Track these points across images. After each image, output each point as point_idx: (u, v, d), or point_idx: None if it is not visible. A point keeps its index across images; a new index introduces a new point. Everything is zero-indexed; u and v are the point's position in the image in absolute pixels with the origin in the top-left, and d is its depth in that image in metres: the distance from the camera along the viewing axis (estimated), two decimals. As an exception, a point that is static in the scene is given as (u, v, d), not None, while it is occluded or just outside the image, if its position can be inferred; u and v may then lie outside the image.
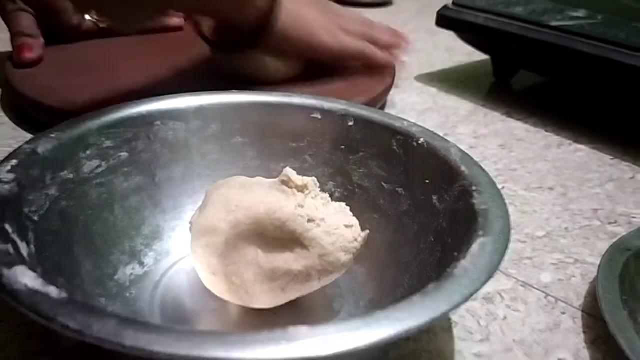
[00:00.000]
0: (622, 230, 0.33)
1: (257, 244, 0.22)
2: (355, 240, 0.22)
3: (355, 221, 0.23)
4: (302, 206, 0.22)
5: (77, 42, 0.49)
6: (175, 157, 0.28)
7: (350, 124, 0.29)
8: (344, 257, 0.22)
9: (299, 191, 0.22)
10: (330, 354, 0.16)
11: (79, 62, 0.45)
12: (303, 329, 0.16)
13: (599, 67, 0.42)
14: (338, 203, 0.23)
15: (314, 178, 0.23)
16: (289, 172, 0.22)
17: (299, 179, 0.22)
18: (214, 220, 0.22)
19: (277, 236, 0.22)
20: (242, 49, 0.41)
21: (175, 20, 0.54)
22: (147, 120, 0.28)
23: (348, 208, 0.23)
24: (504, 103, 0.51)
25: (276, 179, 0.23)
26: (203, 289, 0.24)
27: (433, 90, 0.53)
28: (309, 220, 0.22)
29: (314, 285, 0.23)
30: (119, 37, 0.51)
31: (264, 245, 0.22)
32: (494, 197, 0.23)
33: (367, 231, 0.23)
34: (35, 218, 0.22)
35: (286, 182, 0.22)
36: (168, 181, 0.28)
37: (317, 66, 0.47)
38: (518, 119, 0.48)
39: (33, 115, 0.40)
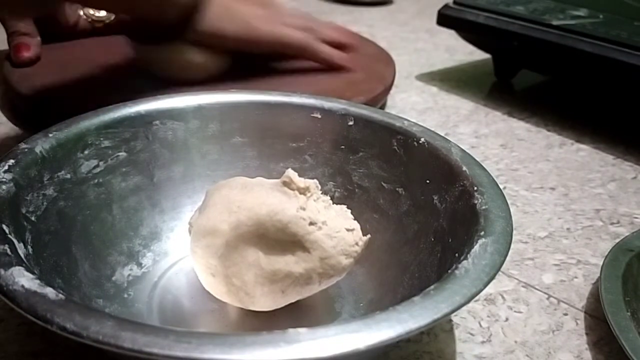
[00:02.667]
0: (624, 231, 0.33)
1: (258, 245, 0.22)
2: (356, 244, 0.22)
3: (356, 225, 0.23)
4: (304, 209, 0.22)
5: (74, 40, 0.49)
6: (174, 157, 0.28)
7: (350, 123, 0.29)
8: (345, 261, 0.22)
9: (300, 193, 0.22)
10: (329, 356, 0.15)
11: (78, 61, 0.45)
12: (302, 331, 0.16)
13: (600, 66, 0.41)
14: (339, 206, 0.23)
15: (315, 180, 0.23)
16: (291, 173, 0.22)
17: (300, 181, 0.22)
18: (215, 221, 0.22)
19: (279, 238, 0.22)
20: (162, 43, 0.38)
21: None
22: (146, 119, 0.28)
23: (349, 211, 0.23)
24: (505, 102, 0.50)
25: (277, 180, 0.23)
26: (202, 290, 0.23)
27: (434, 89, 0.53)
28: (311, 223, 0.22)
29: (314, 288, 0.23)
30: (117, 36, 0.50)
31: (265, 247, 0.22)
32: (495, 197, 0.23)
33: (369, 235, 0.23)
34: (33, 218, 0.22)
35: (288, 184, 0.22)
36: (167, 181, 0.28)
37: (315, 63, 0.47)
38: (519, 119, 0.47)
39: (31, 115, 0.40)
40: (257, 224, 0.22)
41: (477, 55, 0.60)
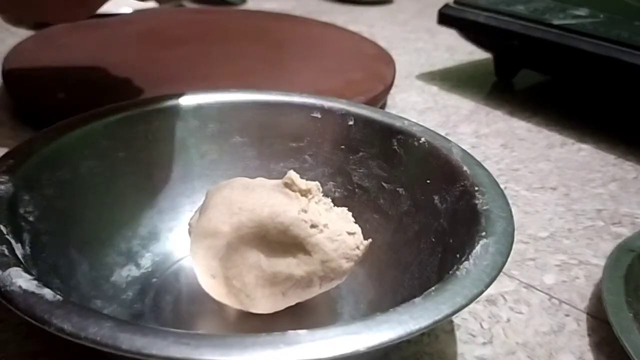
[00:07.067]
0: (625, 231, 0.33)
1: (259, 247, 0.22)
2: (357, 247, 0.22)
3: (357, 228, 0.23)
4: (305, 211, 0.22)
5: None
6: (173, 157, 0.28)
7: (350, 123, 0.29)
8: (346, 264, 0.22)
9: (302, 195, 0.22)
10: (329, 357, 0.15)
11: (78, 61, 0.45)
12: (302, 332, 0.16)
13: (601, 66, 0.41)
14: (340, 208, 0.23)
15: (317, 182, 0.23)
16: (293, 175, 0.22)
17: (302, 183, 0.22)
18: (217, 222, 0.22)
19: (280, 240, 0.22)
20: None
21: None
22: (146, 119, 0.28)
23: (350, 214, 0.23)
24: (505, 102, 0.50)
25: (279, 181, 0.23)
26: (201, 291, 0.23)
27: (434, 89, 0.53)
28: (312, 226, 0.21)
29: (315, 291, 0.22)
30: (118, 35, 0.50)
31: (266, 249, 0.22)
32: (496, 197, 0.23)
33: (370, 239, 0.23)
34: (31, 219, 0.22)
35: (289, 185, 0.22)
36: (166, 181, 0.28)
37: (315, 63, 0.47)
38: (520, 118, 0.47)
39: (31, 115, 0.40)
40: (258, 225, 0.21)
41: (477, 55, 0.60)
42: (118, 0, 0.56)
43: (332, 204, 0.23)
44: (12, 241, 0.19)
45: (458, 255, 0.21)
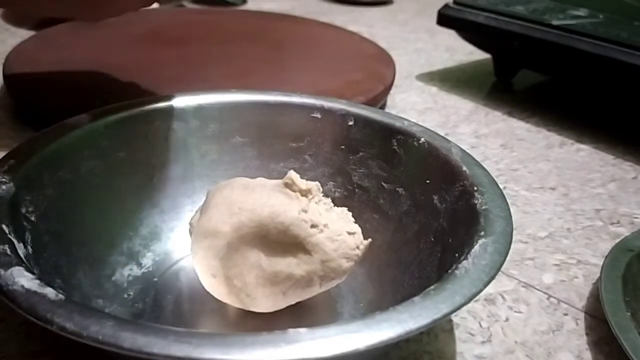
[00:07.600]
0: (624, 231, 0.33)
1: (260, 247, 0.22)
2: (357, 247, 0.22)
3: (357, 228, 0.23)
4: (305, 211, 0.22)
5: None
6: (174, 157, 0.28)
7: (350, 123, 0.29)
8: (346, 264, 0.22)
9: (302, 195, 0.22)
10: (329, 356, 0.15)
11: (78, 61, 0.45)
12: (302, 331, 0.16)
13: (600, 66, 0.42)
14: (340, 208, 0.23)
15: (317, 183, 0.23)
16: (293, 175, 0.22)
17: (302, 183, 0.22)
18: (217, 222, 0.22)
19: (280, 240, 0.22)
20: None
21: None
22: (146, 119, 0.28)
23: (350, 214, 0.23)
24: (505, 102, 0.50)
25: (279, 181, 0.23)
26: (201, 290, 0.23)
27: (434, 89, 0.53)
28: (312, 226, 0.21)
29: (315, 290, 0.23)
30: (118, 36, 0.51)
31: (267, 249, 0.22)
32: (495, 197, 0.23)
33: (370, 239, 0.23)
34: (33, 218, 0.22)
35: (290, 186, 0.22)
36: (167, 181, 0.28)
37: (315, 63, 0.47)
38: (519, 119, 0.47)
39: (31, 115, 0.40)
40: (258, 225, 0.22)
41: (477, 55, 0.60)
42: None
43: (332, 204, 0.23)
44: (14, 241, 0.19)
45: (457, 255, 0.21)
